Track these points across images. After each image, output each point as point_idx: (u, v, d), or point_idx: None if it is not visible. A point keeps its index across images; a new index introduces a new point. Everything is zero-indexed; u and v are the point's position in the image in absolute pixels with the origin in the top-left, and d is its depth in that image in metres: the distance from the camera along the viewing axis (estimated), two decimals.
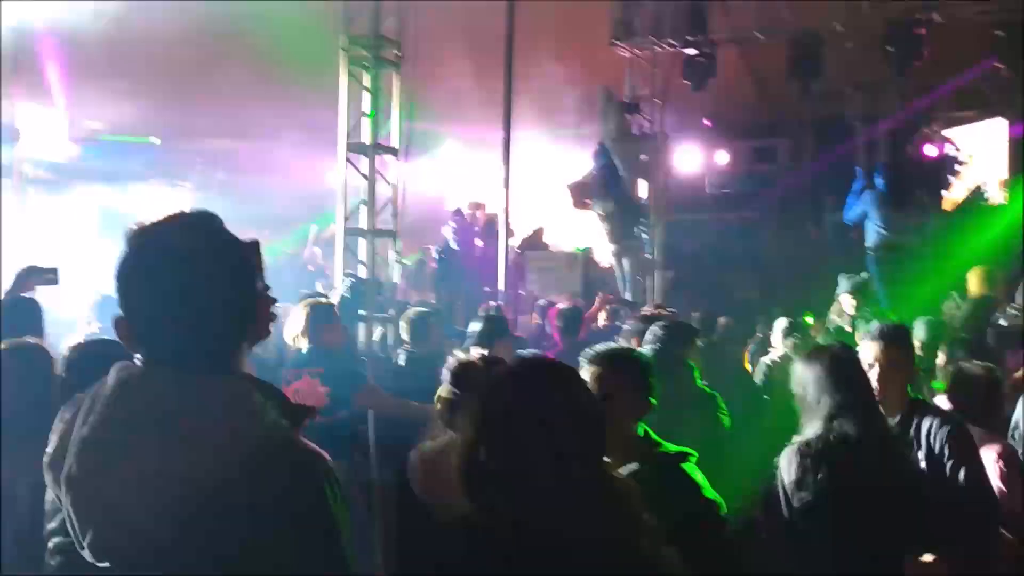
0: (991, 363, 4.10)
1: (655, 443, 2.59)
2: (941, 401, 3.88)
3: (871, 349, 3.39)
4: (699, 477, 2.52)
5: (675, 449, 2.57)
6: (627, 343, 4.24)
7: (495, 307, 8.23)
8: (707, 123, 14.97)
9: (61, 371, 3.02)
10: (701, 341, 4.74)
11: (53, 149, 13.14)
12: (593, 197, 11.75)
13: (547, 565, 1.75)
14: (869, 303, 7.38)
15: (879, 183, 9.34)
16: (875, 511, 2.87)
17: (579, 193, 11.95)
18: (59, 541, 1.67)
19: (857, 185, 9.57)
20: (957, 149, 13.15)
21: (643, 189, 13.14)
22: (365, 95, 8.33)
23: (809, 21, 11.46)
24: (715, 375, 4.67)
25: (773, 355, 6.41)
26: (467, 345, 5.30)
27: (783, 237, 13.24)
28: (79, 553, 1.52)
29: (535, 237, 13.71)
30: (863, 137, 12.77)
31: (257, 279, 1.69)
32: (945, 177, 13.08)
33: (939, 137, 13.16)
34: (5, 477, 2.73)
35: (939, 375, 4.48)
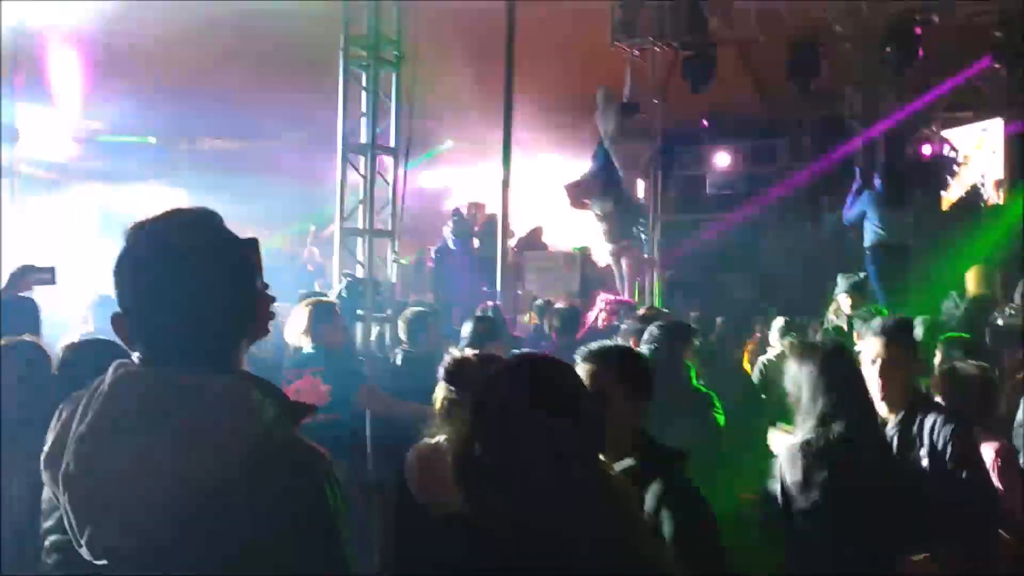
0: (989, 363, 4.10)
1: (649, 441, 2.59)
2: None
3: (873, 345, 3.33)
4: (693, 476, 2.52)
5: (669, 447, 2.57)
6: (625, 343, 4.24)
7: (492, 307, 8.21)
8: (706, 123, 14.98)
9: (57, 370, 3.02)
10: (698, 341, 4.75)
11: (53, 149, 13.14)
12: (591, 197, 11.74)
13: (545, 564, 1.74)
14: (867, 303, 7.39)
15: (877, 183, 9.34)
16: (875, 511, 2.86)
17: (577, 193, 11.93)
18: (56, 539, 1.67)
19: (856, 185, 9.58)
20: (955, 149, 13.16)
21: (642, 189, 13.14)
22: (364, 95, 8.34)
23: (808, 21, 11.48)
24: (712, 374, 4.69)
25: (770, 354, 6.42)
26: (461, 347, 5.29)
27: (782, 237, 13.21)
28: (76, 551, 1.51)
29: (533, 237, 13.69)
30: (862, 137, 12.75)
31: (256, 277, 1.68)
32: (943, 177, 13.09)
33: (937, 137, 13.18)
34: (2, 475, 2.72)
35: (936, 374, 4.48)
